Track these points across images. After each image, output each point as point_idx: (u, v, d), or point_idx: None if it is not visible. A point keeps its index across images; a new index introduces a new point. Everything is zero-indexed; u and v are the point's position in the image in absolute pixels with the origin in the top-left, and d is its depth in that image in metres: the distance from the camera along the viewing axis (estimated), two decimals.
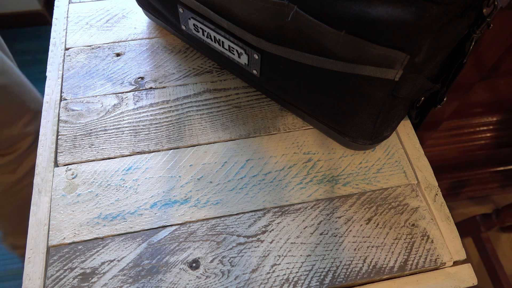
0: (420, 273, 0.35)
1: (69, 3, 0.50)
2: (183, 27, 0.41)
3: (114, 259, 0.34)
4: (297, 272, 0.34)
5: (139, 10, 0.50)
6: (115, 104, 0.42)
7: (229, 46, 0.38)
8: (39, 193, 0.37)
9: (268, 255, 0.35)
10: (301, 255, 0.35)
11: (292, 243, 0.35)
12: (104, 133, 0.40)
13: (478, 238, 1.04)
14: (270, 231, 0.36)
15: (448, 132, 0.91)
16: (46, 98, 0.42)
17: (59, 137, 0.40)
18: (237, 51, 0.37)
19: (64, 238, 0.35)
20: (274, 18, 0.31)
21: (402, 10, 0.25)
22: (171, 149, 0.40)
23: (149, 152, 0.40)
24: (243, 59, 0.38)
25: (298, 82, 0.36)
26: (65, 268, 0.33)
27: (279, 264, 0.34)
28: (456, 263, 0.35)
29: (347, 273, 0.34)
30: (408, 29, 0.26)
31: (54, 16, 0.49)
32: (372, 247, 0.35)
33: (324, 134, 0.41)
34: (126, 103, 0.42)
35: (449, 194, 1.11)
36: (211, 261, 0.34)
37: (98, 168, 0.38)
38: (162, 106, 0.42)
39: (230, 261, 0.34)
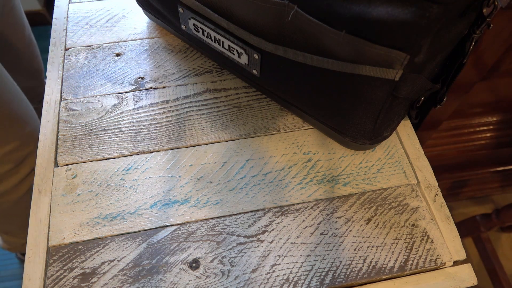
0: (420, 273, 0.35)
1: (69, 3, 0.50)
2: (183, 27, 0.41)
3: (114, 259, 0.34)
4: (297, 272, 0.34)
5: (139, 10, 0.50)
6: (115, 104, 0.42)
7: (229, 46, 0.38)
8: (39, 193, 0.37)
9: (268, 255, 0.35)
10: (301, 255, 0.35)
11: (292, 243, 0.35)
12: (104, 133, 0.40)
13: (478, 238, 1.04)
14: (270, 231, 0.36)
15: (448, 132, 0.91)
16: (46, 98, 0.42)
17: (59, 137, 0.40)
18: (237, 51, 0.37)
19: (64, 238, 0.35)
20: (274, 18, 0.31)
21: (402, 10, 0.25)
22: (171, 149, 0.40)
23: (149, 152, 0.40)
24: (243, 59, 0.38)
25: (298, 82, 0.36)
26: (65, 268, 0.33)
27: (279, 264, 0.34)
28: (456, 263, 0.35)
29: (347, 273, 0.34)
30: (408, 29, 0.26)
31: (54, 16, 0.49)
32: (372, 247, 0.35)
33: (324, 134, 0.41)
34: (126, 103, 0.42)
35: (449, 194, 1.10)
36: (211, 261, 0.34)
37: (98, 168, 0.38)
38: (162, 106, 0.42)
39: (230, 261, 0.34)
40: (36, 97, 0.81)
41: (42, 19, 1.47)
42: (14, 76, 0.72)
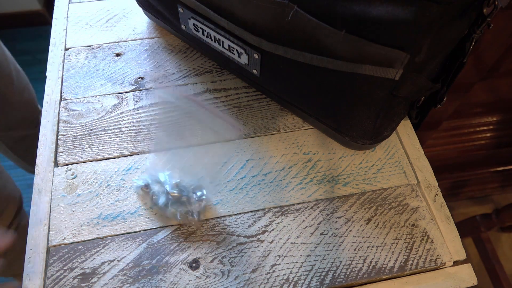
0: (420, 273, 0.35)
1: (69, 3, 0.50)
2: (183, 27, 0.41)
3: (114, 259, 0.34)
4: (297, 272, 0.34)
5: (139, 10, 0.50)
6: (115, 104, 0.42)
7: (229, 46, 0.38)
8: (39, 193, 0.37)
9: (268, 255, 0.35)
10: (301, 255, 0.35)
11: (292, 243, 0.35)
12: (104, 133, 0.40)
13: (478, 238, 1.04)
14: (270, 231, 0.36)
15: (448, 132, 0.91)
16: (46, 98, 0.42)
17: (59, 137, 0.40)
18: (237, 50, 0.37)
19: (64, 238, 0.35)
20: (274, 18, 0.31)
21: (402, 10, 0.25)
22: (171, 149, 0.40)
23: (149, 152, 0.39)
24: (243, 59, 0.38)
25: (298, 82, 0.36)
26: (65, 268, 0.33)
27: (279, 264, 0.34)
28: (456, 263, 0.35)
29: (347, 273, 0.34)
30: (409, 29, 0.26)
31: (54, 16, 0.49)
32: (372, 247, 0.35)
33: (324, 134, 0.41)
34: (126, 103, 0.42)
35: (449, 194, 1.11)
36: (211, 261, 0.34)
37: (98, 168, 0.38)
38: (162, 106, 0.42)
39: (230, 261, 0.34)
40: (30, 123, 0.80)
41: (42, 19, 1.47)
42: (5, 111, 0.71)
